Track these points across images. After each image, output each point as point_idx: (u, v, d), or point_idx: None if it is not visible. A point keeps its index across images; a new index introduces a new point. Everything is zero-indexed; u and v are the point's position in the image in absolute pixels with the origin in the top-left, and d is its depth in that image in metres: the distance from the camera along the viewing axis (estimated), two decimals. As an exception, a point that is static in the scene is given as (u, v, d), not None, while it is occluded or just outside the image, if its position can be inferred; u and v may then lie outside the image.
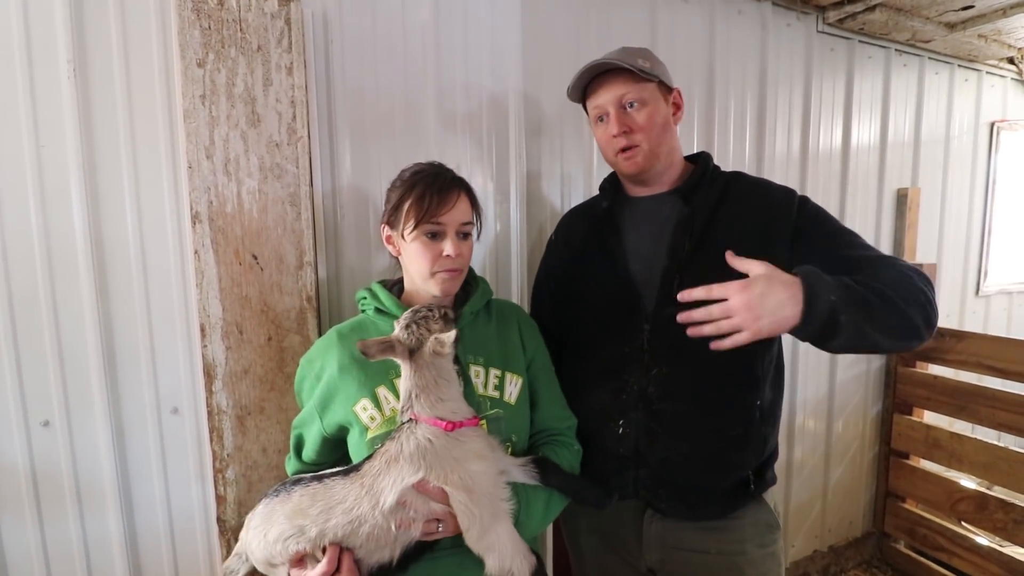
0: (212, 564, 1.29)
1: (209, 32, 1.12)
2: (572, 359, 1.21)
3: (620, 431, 1.10)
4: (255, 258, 1.19)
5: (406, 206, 0.96)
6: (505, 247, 1.58)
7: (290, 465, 1.09)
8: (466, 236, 0.99)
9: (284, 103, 1.19)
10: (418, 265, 0.96)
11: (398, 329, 0.89)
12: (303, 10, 1.22)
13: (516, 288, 1.59)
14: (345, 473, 0.86)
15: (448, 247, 0.95)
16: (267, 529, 0.83)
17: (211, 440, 1.20)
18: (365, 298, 1.05)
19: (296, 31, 1.19)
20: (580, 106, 1.19)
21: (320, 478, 0.86)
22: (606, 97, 1.08)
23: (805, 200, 1.07)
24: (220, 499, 1.21)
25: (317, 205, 1.29)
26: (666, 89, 1.11)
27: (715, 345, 0.87)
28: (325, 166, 1.32)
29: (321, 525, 0.81)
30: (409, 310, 0.92)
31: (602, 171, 1.63)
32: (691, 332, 0.88)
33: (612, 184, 1.23)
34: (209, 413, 1.19)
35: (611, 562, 1.21)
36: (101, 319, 1.15)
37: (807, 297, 0.81)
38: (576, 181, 1.68)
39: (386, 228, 1.02)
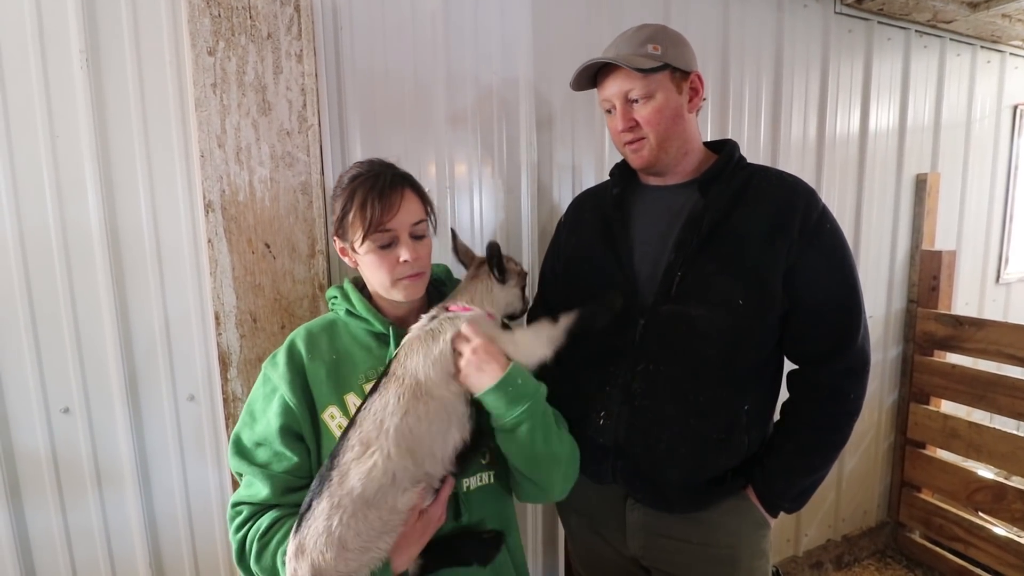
0: (229, 546, 1.31)
1: (219, 20, 1.12)
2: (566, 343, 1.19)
3: (601, 422, 1.08)
4: (267, 246, 1.20)
5: (350, 217, 0.89)
6: (516, 236, 1.58)
7: (260, 487, 0.88)
8: (421, 236, 0.94)
9: (294, 91, 1.19)
10: (377, 277, 0.93)
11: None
12: (312, -3, 1.22)
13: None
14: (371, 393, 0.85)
15: (404, 253, 0.90)
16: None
17: (227, 426, 1.22)
18: (336, 298, 1.00)
19: (305, 18, 1.19)
20: (590, 94, 1.17)
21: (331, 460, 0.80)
22: (611, 91, 1.05)
23: (825, 214, 1.03)
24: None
25: (328, 193, 1.29)
26: (681, 75, 1.05)
27: None
28: (336, 154, 1.32)
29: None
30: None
31: (612, 159, 1.62)
32: None
33: (624, 170, 1.18)
34: (224, 400, 1.21)
35: (599, 545, 1.23)
36: (118, 308, 1.17)
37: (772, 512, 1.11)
38: (587, 170, 1.66)
39: (337, 240, 0.96)
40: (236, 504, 0.91)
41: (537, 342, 0.94)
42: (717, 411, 1.03)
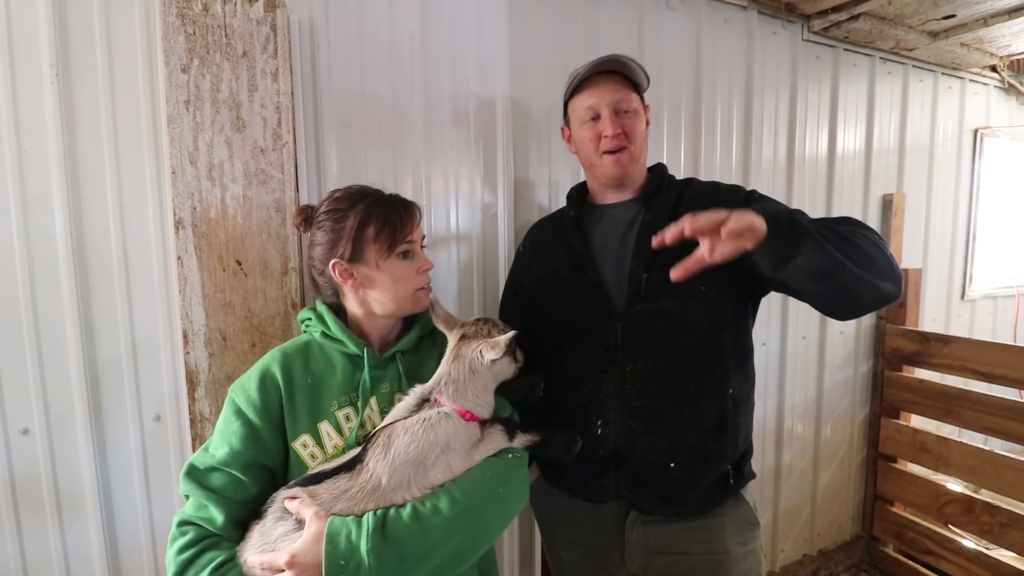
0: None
1: (194, 38, 1.12)
2: (545, 368, 1.20)
3: (599, 432, 1.10)
4: (239, 264, 1.19)
5: (370, 232, 0.91)
6: (492, 253, 1.59)
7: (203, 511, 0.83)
8: (423, 248, 1.01)
9: (269, 109, 1.19)
10: (401, 287, 0.95)
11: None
12: (289, 16, 1.22)
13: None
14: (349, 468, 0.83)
15: (423, 262, 0.98)
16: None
17: (194, 447, 1.19)
18: (310, 319, 0.99)
19: (282, 37, 1.19)
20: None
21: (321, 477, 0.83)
22: (602, 98, 1.11)
23: (753, 192, 1.13)
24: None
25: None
26: (644, 104, 1.17)
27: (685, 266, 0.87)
28: (311, 172, 1.32)
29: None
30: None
31: (589, 177, 1.64)
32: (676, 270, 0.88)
33: (579, 193, 1.27)
34: (192, 420, 1.18)
35: (593, 573, 1.20)
36: (82, 325, 1.14)
37: (770, 219, 0.87)
38: (563, 187, 1.68)
39: (340, 264, 0.92)
40: (183, 523, 0.83)
41: (493, 445, 0.92)
42: (707, 397, 1.08)
